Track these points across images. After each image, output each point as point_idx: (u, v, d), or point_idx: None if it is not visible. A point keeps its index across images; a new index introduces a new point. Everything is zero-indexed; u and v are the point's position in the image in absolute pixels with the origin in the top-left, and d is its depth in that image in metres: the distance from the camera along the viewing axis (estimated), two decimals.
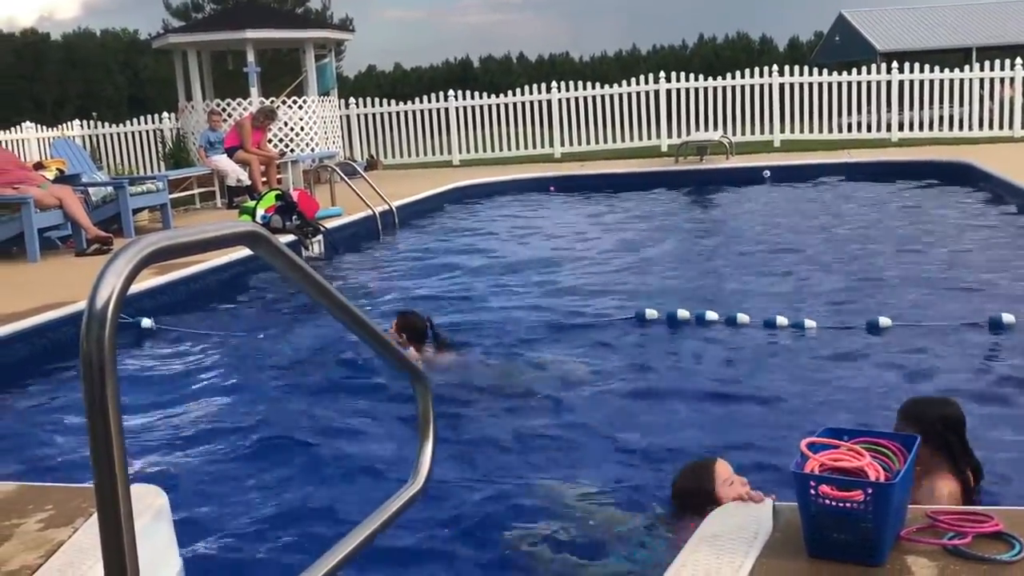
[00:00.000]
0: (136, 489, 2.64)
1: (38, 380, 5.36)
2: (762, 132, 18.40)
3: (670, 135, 18.40)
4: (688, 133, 17.66)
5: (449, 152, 19.34)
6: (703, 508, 2.57)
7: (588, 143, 18.94)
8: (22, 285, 7.39)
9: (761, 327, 5.67)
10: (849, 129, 18.15)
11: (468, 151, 19.34)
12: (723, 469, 2.90)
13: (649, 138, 18.84)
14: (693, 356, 5.31)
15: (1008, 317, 5.36)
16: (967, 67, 18.89)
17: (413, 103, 19.36)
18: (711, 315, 5.79)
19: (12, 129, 17.04)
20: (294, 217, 9.43)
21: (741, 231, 9.72)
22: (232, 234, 1.66)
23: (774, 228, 9.76)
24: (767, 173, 14.01)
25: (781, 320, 5.67)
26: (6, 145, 15.45)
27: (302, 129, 15.76)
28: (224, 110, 14.85)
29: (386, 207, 11.17)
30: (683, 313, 5.83)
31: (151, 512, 2.75)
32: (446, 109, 19.11)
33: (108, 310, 1.37)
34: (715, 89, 18.46)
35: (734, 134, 17.86)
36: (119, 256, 1.43)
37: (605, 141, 18.95)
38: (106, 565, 1.41)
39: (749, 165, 14.62)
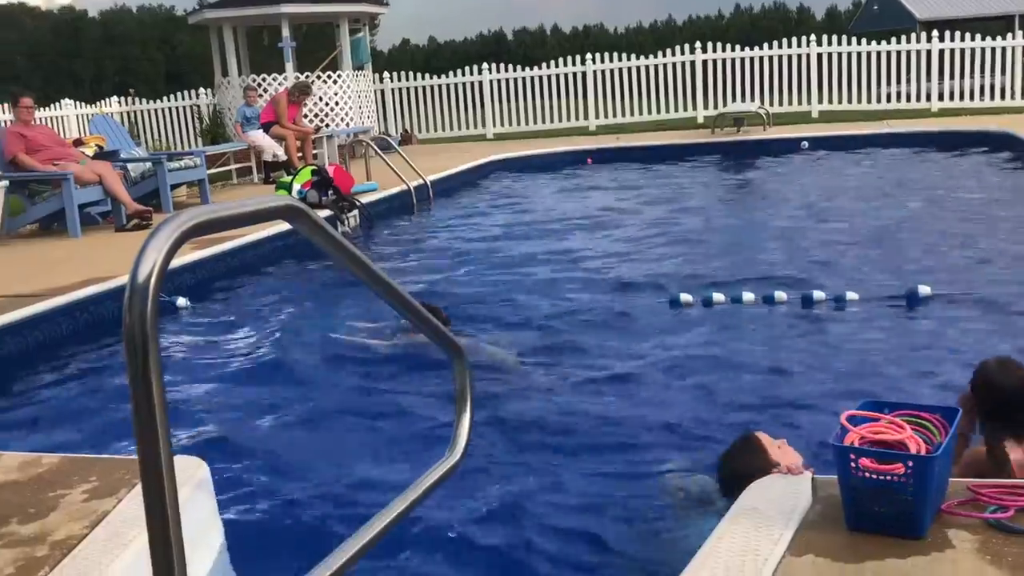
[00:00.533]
0: (178, 460, 2.67)
1: (81, 354, 5.44)
2: (800, 103, 18.19)
3: (706, 106, 18.25)
4: (725, 104, 17.50)
5: (483, 126, 19.30)
6: None
7: (623, 115, 18.83)
8: (64, 260, 7.49)
9: (799, 301, 5.62)
10: (888, 99, 17.91)
11: (502, 124, 19.29)
12: (765, 438, 2.87)
13: (685, 110, 18.70)
14: (729, 332, 5.27)
15: None
16: (1009, 35, 18.52)
17: (447, 76, 19.33)
18: (748, 296, 5.73)
19: (52, 106, 17.25)
20: (330, 192, 9.46)
21: (779, 203, 9.63)
22: (271, 208, 1.67)
23: (812, 199, 9.66)
24: (805, 144, 13.86)
25: (819, 294, 5.62)
26: (46, 122, 15.64)
27: (337, 104, 15.79)
28: (260, 85, 14.91)
29: (420, 181, 11.19)
30: (718, 296, 5.77)
31: (193, 483, 2.79)
32: (480, 82, 19.06)
33: (150, 284, 1.39)
34: (752, 59, 18.26)
35: (771, 105, 17.67)
36: (160, 231, 1.44)
37: (640, 113, 18.83)
38: (151, 535, 1.43)
39: (787, 136, 14.46)
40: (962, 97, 17.41)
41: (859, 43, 18.05)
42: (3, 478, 3.04)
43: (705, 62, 18.38)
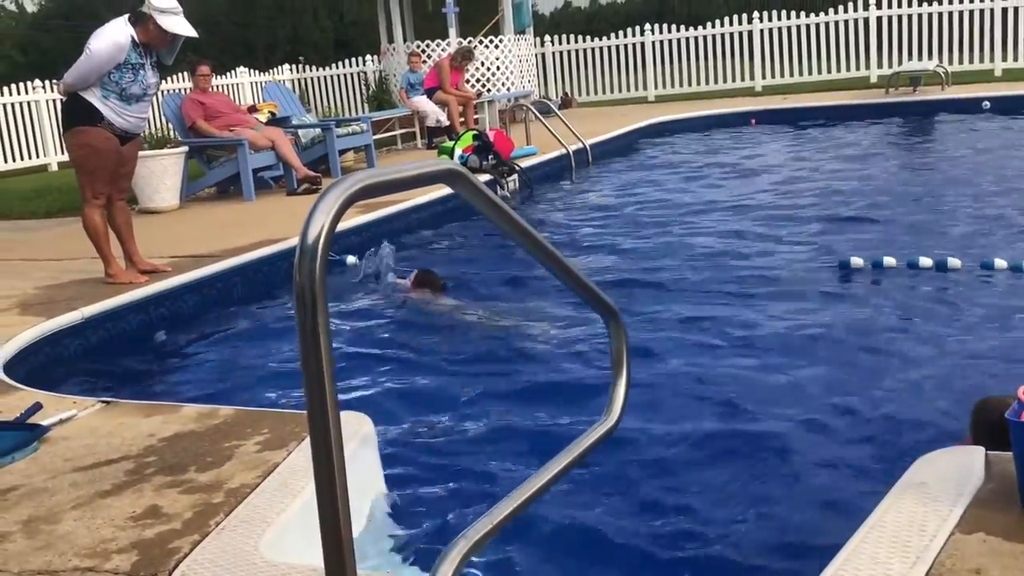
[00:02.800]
0: (345, 416, 2.78)
1: (255, 311, 5.70)
2: (981, 61, 17.17)
3: (880, 65, 17.46)
4: (900, 63, 16.70)
5: (645, 88, 19.07)
6: None
7: (791, 75, 18.23)
8: (239, 222, 7.84)
9: (977, 269, 5.35)
10: None
11: (664, 86, 19.01)
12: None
13: (857, 69, 17.95)
14: (899, 303, 5.06)
15: None
16: None
17: (608, 39, 19.16)
18: (924, 261, 5.48)
19: (228, 74, 18.02)
20: (490, 157, 9.56)
21: (957, 167, 9.15)
22: (433, 172, 1.71)
23: (994, 163, 9.13)
24: (987, 104, 13.09)
25: (1000, 262, 5.33)
26: (222, 89, 16.37)
27: (498, 68, 15.88)
28: (423, 51, 15.15)
29: (580, 145, 11.16)
30: (889, 260, 5.55)
31: (358, 438, 2.90)
32: (642, 44, 18.82)
33: (319, 244, 1.44)
34: (929, 15, 17.30)
35: (950, 63, 16.75)
36: (328, 193, 1.50)
37: (810, 73, 18.19)
38: (318, 486, 1.50)
39: (967, 96, 13.69)
40: None
41: None
42: (183, 429, 3.24)
43: (880, 18, 17.55)
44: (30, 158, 15.53)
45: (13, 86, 15.57)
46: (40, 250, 7.34)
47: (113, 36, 5.39)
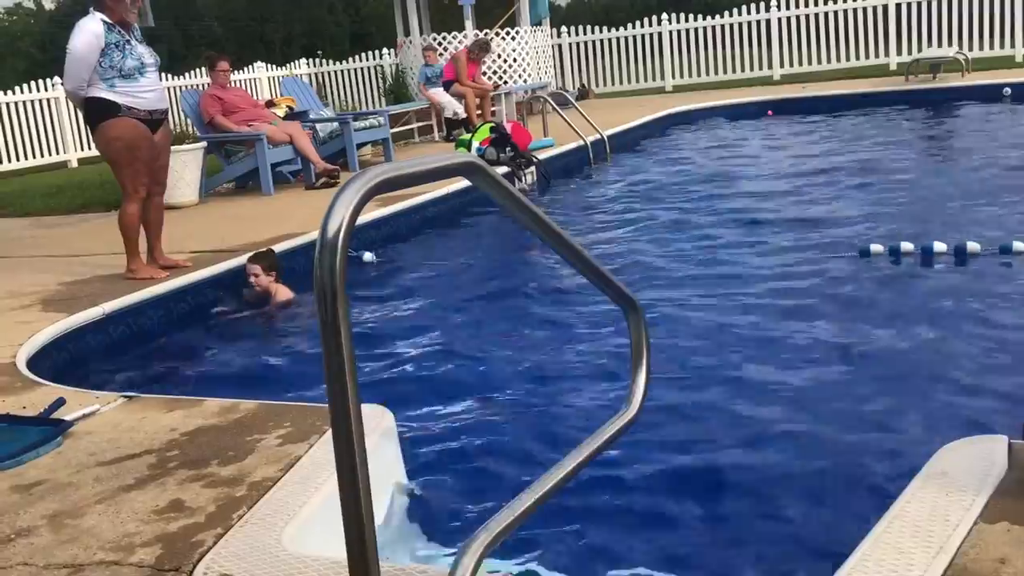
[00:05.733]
0: (365, 408, 2.79)
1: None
2: (1002, 47, 17.01)
3: (899, 52, 17.33)
4: (920, 50, 16.57)
5: (662, 78, 19.01)
6: None
7: (810, 63, 18.13)
8: (260, 217, 7.87)
9: (998, 257, 5.31)
10: None
11: (682, 76, 18.96)
12: None
13: (876, 56, 17.82)
14: (922, 289, 5.02)
15: None
16: None
17: (625, 29, 19.09)
18: (939, 246, 5.45)
19: (245, 69, 18.07)
20: (507, 149, 9.55)
21: (978, 154, 9.07)
22: (452, 165, 1.71)
23: (1016, 151, 9.05)
24: (1008, 91, 12.97)
25: (1018, 244, 5.29)
26: (240, 84, 16.42)
27: (515, 60, 15.86)
28: (440, 44, 15.14)
29: (597, 136, 11.13)
30: (907, 246, 5.52)
31: (379, 431, 2.91)
32: (659, 33, 18.75)
33: (339, 238, 1.45)
34: (948, 1, 17.15)
35: (971, 49, 16.60)
36: (348, 187, 1.50)
37: (828, 61, 18.07)
38: (340, 479, 1.51)
39: (988, 83, 13.57)
40: None
41: None
42: (204, 423, 3.26)
43: (899, 5, 17.42)
44: (50, 155, 15.64)
45: (32, 83, 15.69)
46: (61, 246, 7.39)
47: (86, 27, 5.48)
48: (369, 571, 1.56)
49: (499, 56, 15.61)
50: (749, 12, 18.26)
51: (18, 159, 15.21)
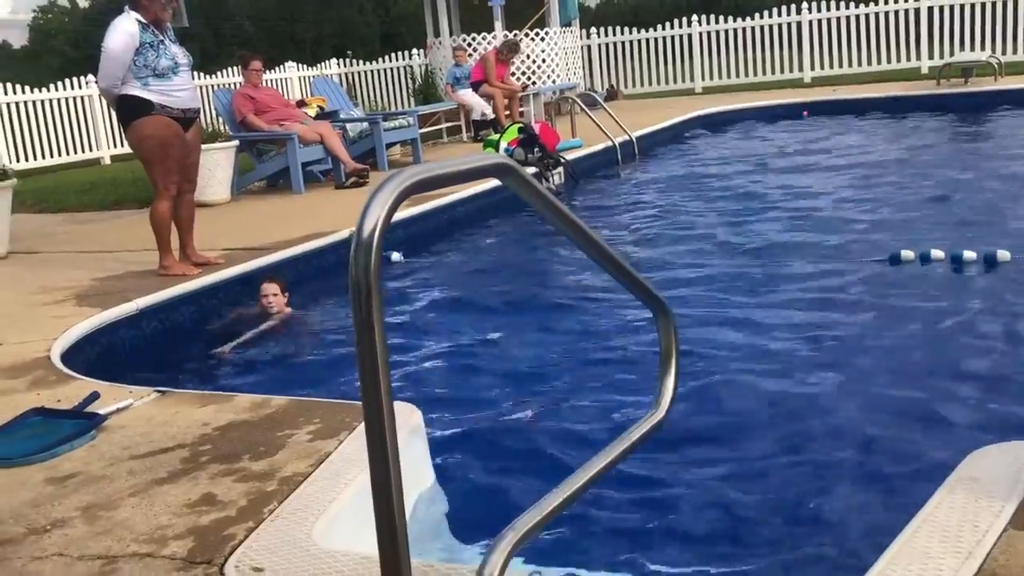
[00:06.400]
0: (395, 406, 2.82)
1: (305, 303, 5.76)
2: None
3: (931, 56, 17.20)
4: (952, 53, 16.43)
5: (692, 79, 18.96)
6: None
7: (841, 66, 18.02)
8: (291, 215, 7.93)
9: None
10: None
11: (711, 78, 18.90)
12: None
13: (908, 60, 17.69)
14: (953, 295, 4.99)
15: None
16: None
17: (655, 30, 19.06)
18: (968, 255, 5.42)
19: (276, 69, 18.19)
20: (536, 149, 9.56)
21: (1011, 160, 8.99)
22: (485, 166, 1.74)
23: None
24: None
25: None
26: (272, 84, 16.53)
27: (544, 61, 15.87)
28: (469, 45, 15.17)
29: (626, 137, 11.12)
30: (937, 253, 5.48)
31: (407, 428, 2.93)
32: (689, 35, 18.71)
33: (374, 237, 1.47)
34: (982, 5, 16.99)
35: (1004, 53, 16.44)
36: (383, 188, 1.52)
37: (859, 64, 17.96)
38: (373, 474, 1.53)
39: (1021, 87, 13.44)
40: None
41: None
42: (236, 418, 3.29)
43: (931, 8, 17.27)
44: (83, 152, 15.81)
45: (67, 80, 15.87)
46: (95, 242, 7.48)
47: (121, 26, 5.55)
48: (400, 568, 1.58)
49: (528, 57, 15.62)
50: (780, 14, 18.17)
51: (52, 156, 15.39)
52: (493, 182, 1.81)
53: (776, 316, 4.84)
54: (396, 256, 6.59)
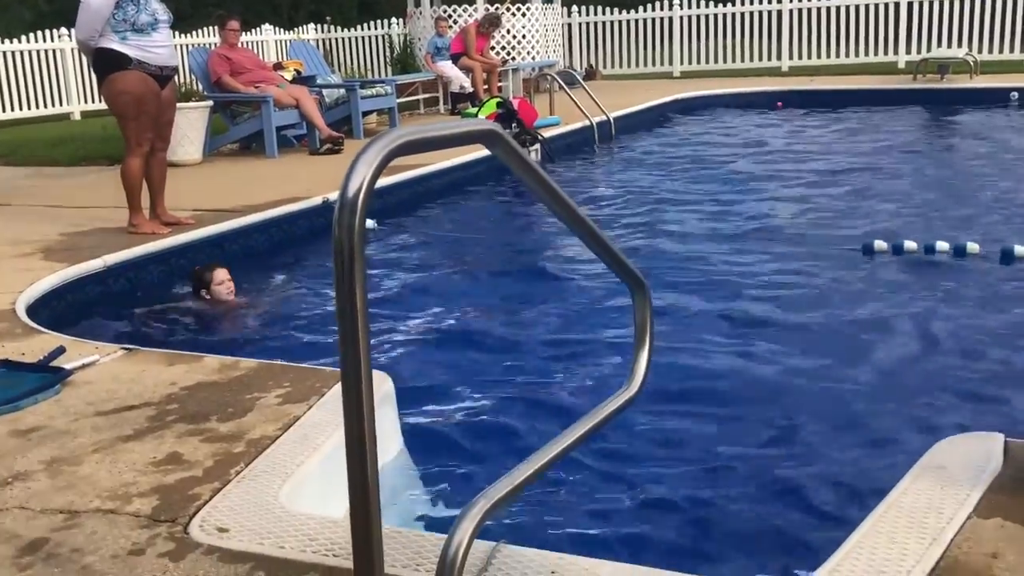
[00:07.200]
0: None
1: (274, 268, 5.72)
2: (1012, 50, 16.97)
3: (909, 51, 17.29)
4: (929, 49, 16.54)
5: (670, 63, 18.94)
6: None
7: (819, 57, 18.07)
8: (263, 179, 7.86)
9: (997, 258, 5.33)
10: None
11: (690, 62, 18.89)
12: None
13: (885, 54, 17.77)
14: (924, 286, 5.04)
15: None
16: None
17: (636, 12, 19.01)
18: (941, 245, 5.48)
19: (253, 31, 17.96)
20: (513, 125, 9.51)
21: (981, 157, 9.08)
22: (473, 132, 1.72)
23: (1018, 156, 9.05)
24: (1015, 96, 12.96)
25: (1020, 249, 5.31)
26: (248, 47, 16.31)
27: (524, 37, 15.78)
28: (450, 16, 15.06)
29: (604, 117, 11.11)
30: (911, 245, 5.54)
31: (378, 396, 2.91)
32: (670, 18, 18.68)
33: (359, 198, 1.45)
34: (960, 2, 17.09)
35: (979, 52, 16.57)
36: (369, 148, 1.50)
37: (837, 56, 18.02)
38: (348, 437, 1.51)
39: (995, 86, 13.55)
40: None
41: None
42: (205, 379, 3.26)
43: (910, 3, 17.35)
44: (53, 106, 15.55)
45: (39, 32, 15.58)
46: (64, 197, 7.37)
47: None
48: (371, 532, 1.57)
49: (508, 32, 15.53)
50: (761, 2, 18.19)
51: (20, 108, 15.12)
52: (473, 154, 1.79)
53: (746, 297, 4.87)
54: (371, 223, 6.54)
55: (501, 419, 3.41)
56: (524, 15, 15.74)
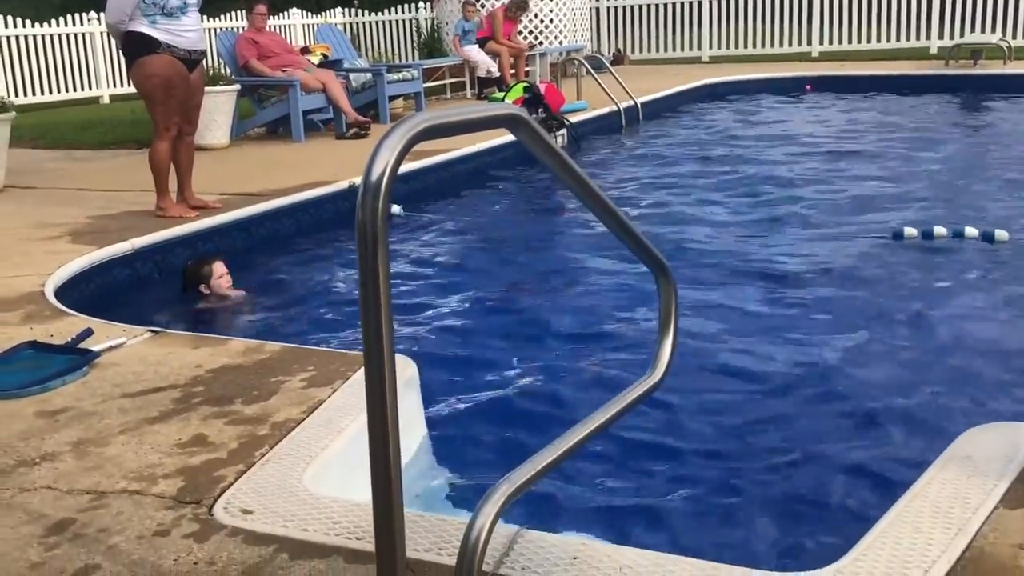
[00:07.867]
0: None
1: (301, 252, 5.74)
2: None
3: (941, 36, 17.08)
4: (962, 35, 16.32)
5: (699, 48, 18.81)
6: None
7: (849, 42, 17.88)
8: (290, 163, 7.88)
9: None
10: None
11: (719, 47, 18.74)
12: None
13: (918, 39, 17.55)
14: (952, 274, 4.98)
15: None
16: None
17: None
18: (970, 231, 5.42)
19: (280, 15, 17.98)
20: (540, 110, 9.49)
21: (1015, 145, 8.95)
22: (497, 116, 1.71)
23: None
24: None
25: None
26: (276, 30, 16.34)
27: (551, 21, 15.71)
28: (478, 0, 15.01)
29: (631, 102, 11.05)
30: (940, 230, 5.48)
31: (402, 380, 2.92)
32: (699, 3, 18.53)
33: (383, 182, 1.44)
34: None
35: (1014, 37, 16.33)
36: (393, 132, 1.50)
37: (868, 40, 17.82)
38: (370, 420, 1.52)
39: None
40: None
41: None
42: (230, 362, 3.28)
43: None
44: (83, 89, 15.64)
45: (69, 16, 15.67)
46: (92, 180, 7.43)
47: None
48: (393, 517, 1.57)
49: (536, 16, 15.46)
50: None
51: (50, 92, 15.22)
52: (499, 139, 1.78)
53: (775, 284, 4.83)
54: (396, 209, 6.54)
55: (524, 405, 3.41)
56: None
